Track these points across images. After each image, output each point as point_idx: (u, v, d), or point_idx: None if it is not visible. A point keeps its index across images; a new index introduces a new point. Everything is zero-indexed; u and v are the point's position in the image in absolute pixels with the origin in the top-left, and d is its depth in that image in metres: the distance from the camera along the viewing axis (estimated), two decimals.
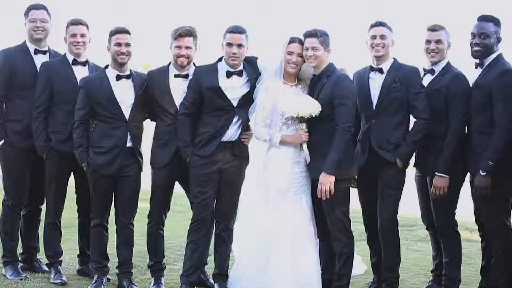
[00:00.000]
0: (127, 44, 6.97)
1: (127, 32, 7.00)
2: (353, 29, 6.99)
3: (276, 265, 6.65)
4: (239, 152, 6.95)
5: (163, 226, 7.29)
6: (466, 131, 6.78)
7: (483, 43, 6.61)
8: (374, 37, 6.84)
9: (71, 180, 7.51)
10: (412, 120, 6.87)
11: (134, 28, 7.10)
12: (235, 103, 6.85)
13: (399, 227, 6.96)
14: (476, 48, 6.65)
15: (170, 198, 7.27)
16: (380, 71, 6.84)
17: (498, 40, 6.66)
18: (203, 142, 6.86)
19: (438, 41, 6.84)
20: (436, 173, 6.68)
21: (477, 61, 6.72)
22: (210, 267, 7.38)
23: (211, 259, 7.38)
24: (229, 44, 6.82)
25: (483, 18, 6.67)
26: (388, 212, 6.78)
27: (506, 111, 6.39)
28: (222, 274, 7.09)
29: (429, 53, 6.86)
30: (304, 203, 6.79)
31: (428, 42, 6.87)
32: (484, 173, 6.40)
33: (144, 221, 7.35)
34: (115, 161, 6.95)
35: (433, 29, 6.87)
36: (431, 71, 6.88)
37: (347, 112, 6.53)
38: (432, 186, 6.75)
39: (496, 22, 6.66)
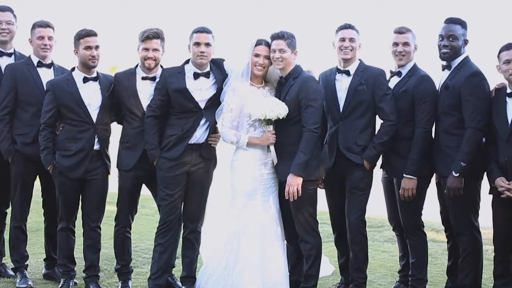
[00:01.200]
0: (97, 47, 6.92)
1: (95, 34, 6.96)
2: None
3: (243, 267, 6.65)
4: (206, 154, 6.94)
5: (130, 229, 7.26)
6: (433, 132, 6.83)
7: (451, 45, 6.67)
8: (343, 39, 6.85)
9: (37, 183, 7.44)
10: (379, 122, 6.90)
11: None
12: (202, 105, 6.84)
13: (366, 228, 6.99)
14: (444, 50, 6.70)
15: (137, 201, 7.23)
16: (347, 73, 6.87)
17: (466, 42, 6.72)
18: (171, 145, 6.84)
19: (406, 44, 6.88)
20: (404, 174, 6.72)
21: (444, 63, 6.78)
22: (178, 270, 7.36)
23: (178, 262, 7.37)
24: (197, 44, 6.80)
25: (451, 21, 6.73)
26: (355, 213, 6.81)
27: (476, 112, 6.45)
28: (190, 277, 7.07)
29: (397, 55, 6.90)
30: (271, 204, 6.80)
31: (396, 44, 6.90)
32: (457, 174, 6.46)
33: (111, 224, 7.32)
34: (82, 164, 6.90)
35: (400, 31, 6.90)
36: (398, 73, 6.92)
37: (314, 114, 6.55)
38: (400, 187, 6.78)
39: (463, 24, 6.72)
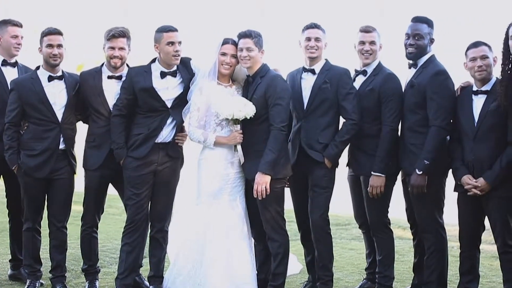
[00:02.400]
0: (59, 46, 6.87)
1: (59, 33, 6.90)
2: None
3: (210, 265, 6.64)
4: (173, 153, 6.92)
5: (97, 229, 7.22)
6: (399, 130, 6.88)
7: (417, 44, 6.71)
8: (309, 39, 6.88)
9: (1, 183, 7.37)
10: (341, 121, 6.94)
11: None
12: (169, 104, 6.82)
13: (334, 226, 7.02)
14: (410, 49, 6.74)
15: (104, 200, 7.20)
16: (312, 72, 6.89)
17: (432, 41, 6.77)
18: (137, 144, 6.81)
19: (372, 43, 6.92)
20: (372, 172, 6.76)
21: (411, 61, 6.82)
22: (145, 270, 7.33)
23: (146, 261, 7.34)
24: (171, 43, 6.76)
25: (417, 20, 6.77)
26: (318, 211, 6.83)
27: (441, 111, 6.50)
28: (157, 276, 7.05)
29: (363, 54, 6.94)
30: (238, 203, 6.80)
31: (362, 43, 6.94)
32: (421, 172, 6.51)
33: (77, 224, 7.27)
34: (47, 163, 6.84)
35: (366, 30, 6.94)
36: (363, 72, 6.95)
37: (281, 112, 6.56)
38: (367, 185, 6.83)
39: (429, 23, 6.76)
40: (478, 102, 6.48)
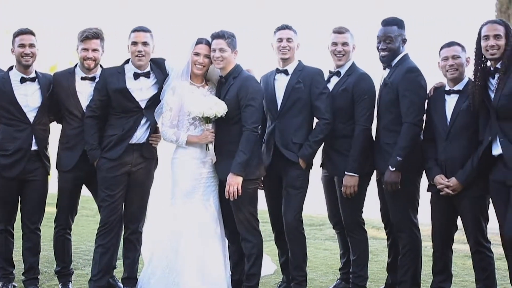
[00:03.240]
0: (31, 45, 6.83)
1: (31, 33, 6.86)
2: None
3: (183, 266, 6.63)
4: (147, 154, 6.91)
5: (70, 231, 7.19)
6: (373, 130, 6.91)
7: (389, 47, 6.75)
8: (280, 40, 6.90)
9: None
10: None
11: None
12: (143, 105, 6.80)
13: (308, 227, 7.03)
14: (382, 53, 6.79)
15: (77, 202, 7.17)
16: (285, 72, 6.92)
17: (404, 41, 6.81)
18: (111, 145, 6.78)
19: (345, 44, 6.95)
20: (346, 172, 6.78)
21: (384, 64, 6.86)
22: (119, 271, 7.30)
23: (120, 263, 7.31)
24: (134, 43, 6.77)
25: (387, 23, 6.80)
26: (292, 212, 6.84)
27: (413, 107, 6.54)
28: (131, 278, 7.03)
29: (336, 55, 6.96)
30: (211, 203, 6.80)
31: (335, 44, 6.96)
32: (394, 169, 6.54)
33: (51, 226, 7.23)
34: (19, 163, 6.79)
35: (339, 31, 6.97)
36: (337, 73, 6.98)
37: (254, 113, 6.57)
38: (341, 185, 6.85)
39: (399, 24, 6.79)
40: (450, 102, 6.53)
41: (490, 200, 6.37)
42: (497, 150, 6.20)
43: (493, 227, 6.43)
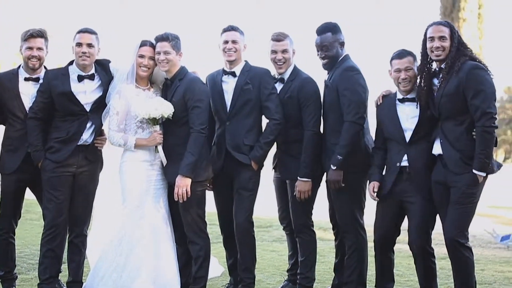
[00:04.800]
0: None
1: None
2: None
3: (135, 269, 6.57)
4: (92, 157, 6.84)
5: (14, 235, 7.07)
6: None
7: (326, 55, 6.81)
8: (226, 42, 6.90)
9: None
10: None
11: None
12: (88, 108, 6.73)
13: (255, 228, 7.04)
14: (323, 62, 6.86)
15: (21, 205, 7.05)
16: (233, 74, 6.92)
17: (342, 44, 6.85)
18: (57, 147, 6.69)
19: (284, 51, 6.96)
20: (298, 178, 6.81)
21: (327, 71, 6.91)
22: (63, 275, 7.20)
23: (64, 266, 7.21)
24: (79, 44, 6.70)
25: (320, 31, 6.84)
26: (243, 214, 6.85)
27: (352, 106, 6.59)
28: (76, 282, 6.94)
29: (276, 63, 6.97)
30: (162, 206, 6.76)
31: (274, 52, 6.97)
32: (335, 167, 6.59)
33: None
34: None
35: (278, 39, 6.97)
36: (281, 80, 7.00)
37: (201, 114, 6.56)
38: (292, 188, 6.88)
39: (333, 30, 6.82)
40: (405, 109, 6.55)
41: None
42: (437, 149, 6.29)
43: (437, 227, 6.51)
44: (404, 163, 6.50)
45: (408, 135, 6.48)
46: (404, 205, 6.53)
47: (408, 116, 6.51)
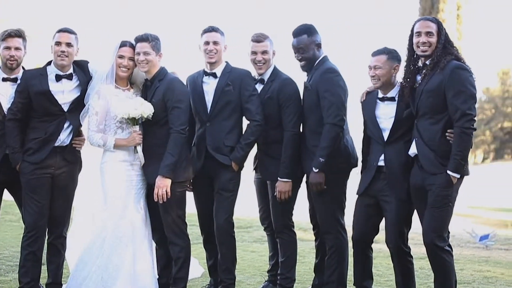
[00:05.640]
0: None
1: None
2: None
3: (115, 270, 6.54)
4: (70, 158, 6.79)
5: None
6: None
7: (303, 56, 6.82)
8: (207, 43, 6.89)
9: None
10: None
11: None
12: (66, 108, 6.69)
13: (235, 229, 7.03)
14: (301, 64, 6.88)
15: None
16: (214, 75, 6.91)
17: (318, 46, 6.86)
18: (34, 148, 6.65)
19: (264, 52, 6.96)
20: (279, 178, 6.82)
21: (306, 72, 6.92)
22: (43, 277, 7.15)
23: (43, 268, 7.16)
24: (58, 43, 6.67)
25: (296, 34, 6.85)
26: (224, 215, 6.84)
27: (332, 108, 6.60)
28: (56, 283, 6.89)
29: (256, 64, 6.98)
30: (142, 206, 6.74)
31: (254, 53, 6.98)
32: (317, 170, 6.59)
33: None
34: None
35: (258, 40, 6.97)
36: (261, 81, 7.00)
37: (181, 115, 6.55)
38: (273, 189, 6.89)
39: (309, 32, 6.83)
40: (385, 109, 6.57)
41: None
42: (413, 149, 6.32)
43: (417, 226, 6.53)
44: (381, 162, 6.53)
45: (386, 135, 6.51)
46: (380, 204, 6.56)
47: (387, 116, 6.53)
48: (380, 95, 6.60)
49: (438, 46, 6.25)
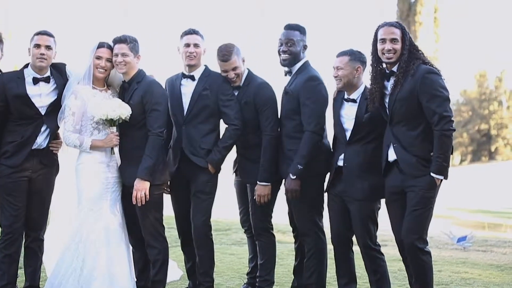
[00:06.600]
0: None
1: None
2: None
3: (91, 272, 6.50)
4: (47, 161, 6.75)
5: None
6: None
7: (290, 50, 6.81)
8: (187, 45, 6.87)
9: None
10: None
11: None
12: (43, 111, 6.64)
13: (214, 232, 7.03)
14: (284, 56, 6.83)
15: None
16: (192, 78, 6.89)
17: (305, 47, 6.88)
18: (11, 152, 6.60)
19: (235, 68, 6.88)
20: (258, 182, 6.82)
21: (286, 68, 6.91)
22: (20, 280, 7.11)
23: (20, 272, 7.11)
24: (37, 45, 6.62)
25: (289, 27, 6.87)
26: (201, 217, 6.83)
27: (313, 116, 6.61)
28: (33, 287, 6.87)
29: (231, 79, 6.91)
30: (118, 208, 6.71)
31: (225, 71, 6.92)
32: (294, 177, 6.59)
33: None
34: None
35: (224, 60, 6.86)
36: (237, 87, 6.98)
37: (159, 118, 6.53)
38: (253, 192, 6.89)
39: (301, 30, 6.87)
40: (349, 109, 6.61)
41: (384, 205, 6.49)
42: (392, 155, 6.32)
43: (388, 229, 6.55)
44: (340, 162, 6.58)
45: (348, 135, 6.55)
46: (346, 204, 6.59)
47: (349, 117, 6.58)
48: (346, 96, 6.64)
49: (403, 52, 6.24)
